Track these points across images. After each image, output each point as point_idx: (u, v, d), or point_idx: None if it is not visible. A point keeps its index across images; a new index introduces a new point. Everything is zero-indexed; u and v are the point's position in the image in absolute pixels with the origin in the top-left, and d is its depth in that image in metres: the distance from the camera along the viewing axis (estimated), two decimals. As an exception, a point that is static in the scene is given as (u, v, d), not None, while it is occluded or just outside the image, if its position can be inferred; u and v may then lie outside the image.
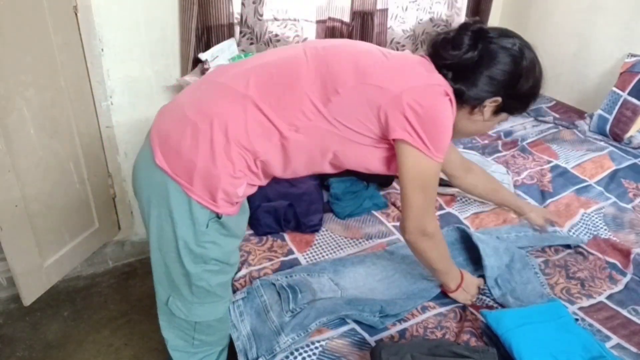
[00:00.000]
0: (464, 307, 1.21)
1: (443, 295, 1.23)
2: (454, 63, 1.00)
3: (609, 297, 1.26)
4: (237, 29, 1.99)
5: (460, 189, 1.53)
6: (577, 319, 1.17)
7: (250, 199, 1.19)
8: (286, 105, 0.97)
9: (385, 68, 1.01)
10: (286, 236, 1.45)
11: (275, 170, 1.04)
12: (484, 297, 1.24)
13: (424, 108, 0.95)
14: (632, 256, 1.39)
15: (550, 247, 1.46)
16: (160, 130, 1.00)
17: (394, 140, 1.00)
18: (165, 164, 0.95)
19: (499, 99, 1.02)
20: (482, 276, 1.28)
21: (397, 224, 1.54)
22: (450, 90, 1.01)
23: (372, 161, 1.07)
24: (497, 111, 1.06)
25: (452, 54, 0.99)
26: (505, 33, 1.02)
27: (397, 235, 1.49)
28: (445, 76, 1.02)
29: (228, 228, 1.03)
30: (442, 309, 1.20)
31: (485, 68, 0.99)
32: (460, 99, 1.02)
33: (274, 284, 1.21)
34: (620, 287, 1.30)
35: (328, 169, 1.10)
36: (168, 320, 1.14)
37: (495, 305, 1.21)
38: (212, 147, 0.94)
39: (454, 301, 1.22)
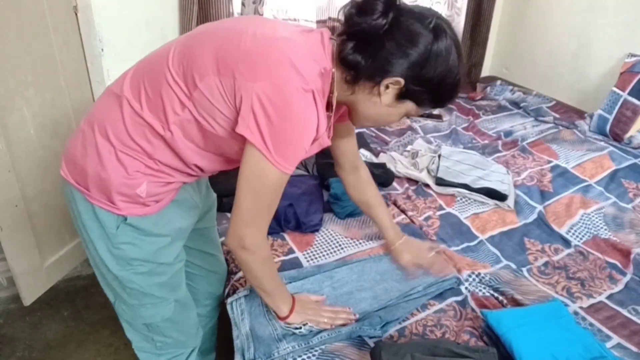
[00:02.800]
0: (463, 305, 1.21)
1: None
2: (360, 30, 0.87)
3: (609, 297, 1.26)
4: (237, 29, 1.99)
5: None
6: (577, 319, 1.17)
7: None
8: (156, 102, 0.93)
9: (245, 56, 0.87)
10: (286, 236, 1.45)
11: (181, 166, 0.99)
12: (483, 287, 1.23)
13: (276, 107, 0.83)
14: (632, 256, 1.39)
15: (550, 246, 1.46)
16: (67, 141, 1.02)
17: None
18: (68, 174, 0.97)
19: (401, 80, 0.89)
20: None
21: (397, 224, 1.54)
22: (318, 89, 0.88)
23: (235, 155, 0.96)
24: (401, 97, 0.93)
25: (359, 20, 0.87)
26: (425, 11, 0.90)
27: (397, 235, 1.48)
28: (344, 46, 0.90)
29: (141, 228, 0.98)
30: (442, 304, 1.20)
31: (389, 40, 0.87)
32: (357, 73, 0.91)
33: None
34: (620, 287, 1.30)
35: (217, 165, 1.02)
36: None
37: (494, 302, 1.21)
38: (98, 152, 0.93)
39: (452, 295, 1.23)
